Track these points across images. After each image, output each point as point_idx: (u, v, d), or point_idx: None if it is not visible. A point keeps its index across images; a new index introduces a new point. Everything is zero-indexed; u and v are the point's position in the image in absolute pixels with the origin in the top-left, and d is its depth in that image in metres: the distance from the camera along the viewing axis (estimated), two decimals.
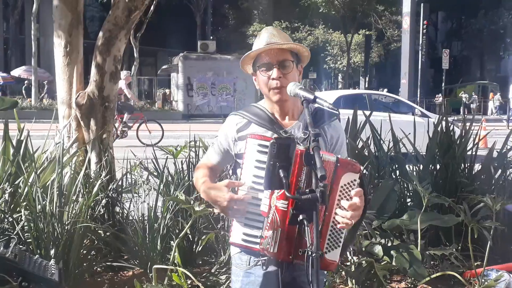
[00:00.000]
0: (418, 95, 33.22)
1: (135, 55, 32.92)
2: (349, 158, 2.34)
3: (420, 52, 34.14)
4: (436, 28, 60.18)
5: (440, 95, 38.74)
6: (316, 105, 2.36)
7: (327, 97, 14.44)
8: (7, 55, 47.20)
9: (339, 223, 2.24)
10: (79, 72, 5.00)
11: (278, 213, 2.23)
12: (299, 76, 2.55)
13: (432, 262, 4.60)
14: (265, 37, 2.49)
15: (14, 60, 43.80)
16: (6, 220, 4.03)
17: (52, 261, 2.91)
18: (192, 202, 3.64)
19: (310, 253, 2.05)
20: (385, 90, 32.39)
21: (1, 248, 2.66)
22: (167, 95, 36.38)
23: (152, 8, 32.06)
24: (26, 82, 34.76)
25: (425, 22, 34.02)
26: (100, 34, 4.85)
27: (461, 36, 56.00)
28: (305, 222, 2.09)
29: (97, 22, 44.84)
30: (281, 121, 2.51)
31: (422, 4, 33.75)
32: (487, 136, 11.49)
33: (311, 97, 2.30)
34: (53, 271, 2.73)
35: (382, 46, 46.33)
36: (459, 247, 4.63)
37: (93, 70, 4.84)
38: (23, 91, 34.33)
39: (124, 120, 16.46)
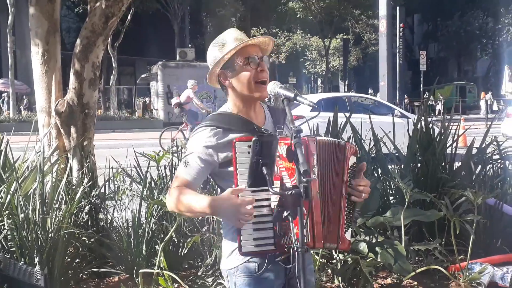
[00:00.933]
0: (397, 97, 33.53)
1: (113, 64, 32.81)
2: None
3: (397, 54, 34.47)
4: (413, 30, 60.85)
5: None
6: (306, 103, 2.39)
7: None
8: None
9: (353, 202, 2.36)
10: (57, 80, 4.97)
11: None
12: None
13: (416, 258, 4.64)
14: (236, 35, 2.48)
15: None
16: None
17: (37, 267, 2.88)
18: None
19: (295, 248, 2.07)
20: (370, 91, 32.61)
21: None
22: (147, 104, 36.26)
23: (129, 17, 32.05)
24: (3, 95, 34.40)
25: (401, 25, 34.36)
26: (78, 41, 4.83)
27: (437, 38, 56.65)
28: (290, 218, 2.10)
29: (74, 33, 44.52)
30: (256, 121, 2.49)
31: (398, 7, 34.10)
32: (466, 134, 11.64)
33: (292, 95, 2.33)
34: (38, 277, 2.71)
35: (360, 50, 46.73)
36: (443, 242, 4.67)
37: (72, 78, 4.82)
38: (1, 104, 33.97)
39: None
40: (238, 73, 2.45)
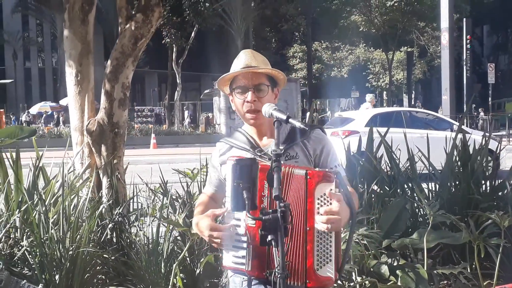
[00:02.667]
0: (464, 111, 32.54)
1: (178, 81, 33.55)
2: (326, 170, 2.32)
3: (464, 67, 33.52)
4: (482, 42, 59.00)
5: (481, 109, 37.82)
6: (298, 125, 2.38)
7: (362, 115, 14.32)
8: (56, 85, 48.79)
9: (326, 233, 2.24)
10: (90, 100, 5.14)
11: (249, 230, 2.28)
12: (275, 99, 2.57)
13: (445, 282, 4.47)
14: (242, 60, 2.54)
15: (62, 90, 45.22)
16: (18, 245, 4.15)
17: (40, 286, 2.97)
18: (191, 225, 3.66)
19: (276, 274, 2.06)
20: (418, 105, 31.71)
21: None
22: (210, 118, 36.81)
23: (193, 34, 32.76)
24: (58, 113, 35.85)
25: (468, 36, 33.44)
26: (108, 62, 4.98)
27: (508, 49, 54.66)
28: (273, 243, 2.08)
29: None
30: (260, 141, 2.55)
31: (464, 19, 33.24)
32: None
33: (284, 117, 2.33)
34: None
35: (425, 63, 45.74)
36: (474, 266, 4.47)
37: (103, 98, 4.97)
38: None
39: None
40: (234, 97, 2.53)
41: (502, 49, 56.38)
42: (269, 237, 2.10)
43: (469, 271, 4.38)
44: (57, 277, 3.87)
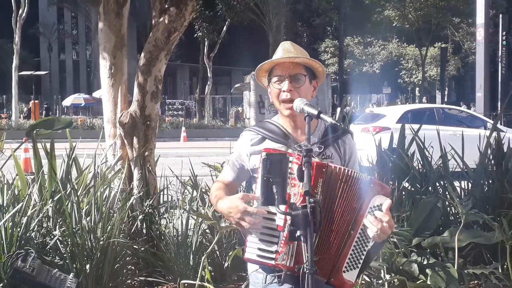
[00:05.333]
0: (499, 109, 31.87)
1: (208, 74, 33.66)
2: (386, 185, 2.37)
3: (500, 64, 32.84)
4: None
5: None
6: (329, 120, 2.38)
7: (394, 112, 14.19)
8: (90, 77, 49.44)
9: (365, 241, 2.27)
10: (123, 92, 5.19)
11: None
12: (313, 91, 2.57)
13: (476, 282, 4.41)
14: (280, 51, 2.54)
15: (96, 82, 45.83)
16: (50, 235, 4.23)
17: (71, 275, 3.02)
18: (220, 218, 3.68)
19: (304, 269, 2.05)
20: (463, 106, 31.35)
21: (19, 262, 2.79)
22: (239, 112, 36.88)
23: (224, 28, 32.81)
24: None
25: (504, 33, 32.76)
26: (142, 55, 5.02)
27: None
28: (302, 239, 2.07)
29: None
30: (296, 136, 2.52)
31: (500, 15, 32.56)
32: None
33: (315, 112, 2.32)
34: (69, 285, 2.84)
35: (459, 59, 45.00)
36: (505, 266, 4.40)
37: (135, 90, 5.02)
38: None
39: None
40: (271, 88, 2.53)
41: None
42: (298, 233, 2.10)
43: (500, 271, 4.32)
44: (87, 266, 3.93)
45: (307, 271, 2.03)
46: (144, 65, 5.00)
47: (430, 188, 5.00)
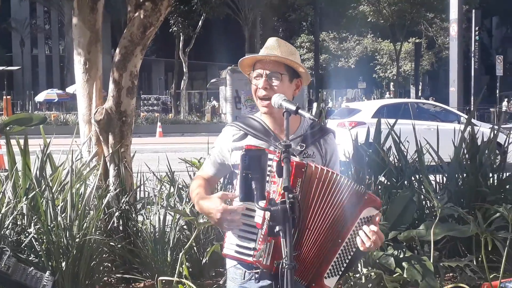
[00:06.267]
0: (472, 103, 32.35)
1: (184, 69, 33.48)
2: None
3: (472, 59, 33.28)
4: (490, 34, 58.59)
5: None
6: (308, 116, 2.38)
7: (369, 106, 14.30)
8: (63, 72, 48.84)
9: (349, 250, 2.29)
10: (98, 88, 5.13)
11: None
12: (295, 90, 2.55)
13: (451, 274, 4.46)
14: (264, 48, 2.53)
15: (70, 77, 45.24)
16: (25, 232, 4.16)
17: (47, 273, 2.98)
18: (198, 214, 3.66)
19: (283, 265, 2.04)
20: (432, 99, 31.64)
21: None
22: (216, 108, 36.78)
23: (200, 23, 32.65)
24: None
25: (476, 28, 33.19)
26: (117, 50, 4.97)
27: None
28: (281, 234, 2.07)
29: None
30: (278, 133, 2.51)
31: (473, 10, 32.97)
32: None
33: (293, 108, 2.31)
34: (45, 283, 2.80)
35: (433, 54, 45.49)
36: (479, 258, 4.46)
37: (111, 86, 4.96)
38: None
39: None
40: (251, 84, 2.51)
41: (511, 41, 55.95)
42: (277, 228, 2.09)
43: (475, 263, 4.38)
44: (63, 264, 3.89)
45: (286, 266, 2.03)
46: (119, 60, 4.94)
47: (406, 182, 5.05)
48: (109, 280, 4.37)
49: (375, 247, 2.27)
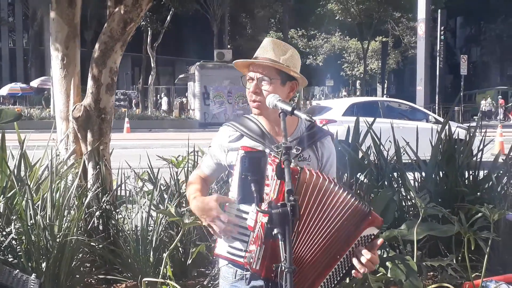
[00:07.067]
0: (437, 102, 32.88)
1: (152, 64, 33.16)
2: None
3: (438, 58, 33.81)
4: (455, 33, 59.67)
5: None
6: (300, 118, 2.37)
7: (340, 104, 14.39)
8: (26, 66, 47.86)
9: (345, 266, 2.26)
10: (76, 84, 5.02)
11: (263, 229, 2.18)
12: (289, 93, 2.51)
13: (432, 273, 4.51)
14: (259, 49, 2.49)
15: (34, 71, 44.38)
16: (3, 232, 4.04)
17: (33, 276, 2.90)
18: (183, 214, 3.61)
19: (283, 268, 2.02)
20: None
21: None
22: (184, 104, 36.56)
23: (168, 18, 32.36)
24: (45, 92, 35.16)
25: (442, 28, 33.72)
26: (96, 46, 4.87)
27: (480, 42, 55.35)
28: (279, 237, 2.04)
29: None
30: (274, 135, 2.48)
31: (439, 10, 33.47)
32: (489, 142, 11.34)
33: (289, 109, 2.27)
34: (31, 286, 2.72)
35: (399, 53, 46.12)
36: (459, 258, 4.53)
37: (90, 82, 4.86)
38: (43, 102, 34.71)
39: None
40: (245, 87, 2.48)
41: (475, 41, 57.06)
42: (275, 231, 2.07)
43: (454, 262, 4.43)
44: (43, 265, 3.79)
45: (285, 270, 2.01)
46: (98, 56, 4.85)
47: (386, 181, 5.08)
48: (89, 281, 4.28)
49: (367, 271, 2.24)
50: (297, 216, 2.03)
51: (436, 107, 30.53)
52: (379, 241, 2.28)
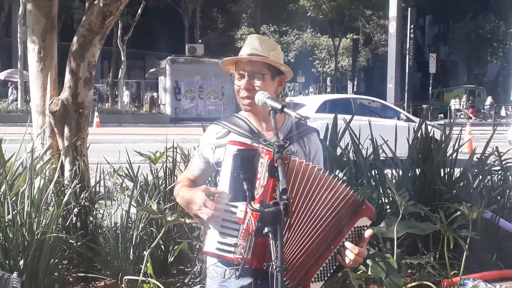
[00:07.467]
0: (406, 100, 33.30)
1: (122, 58, 32.78)
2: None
3: (407, 56, 34.22)
4: (424, 32, 60.47)
5: None
6: (290, 116, 2.36)
7: (312, 101, 14.45)
8: None
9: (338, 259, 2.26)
10: (53, 78, 4.92)
11: (254, 219, 2.19)
12: (278, 87, 2.51)
13: (409, 271, 4.56)
14: (246, 45, 2.47)
15: (0, 63, 43.41)
16: None
17: (15, 274, 2.83)
18: (165, 211, 3.57)
19: (274, 267, 2.01)
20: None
21: None
22: (154, 98, 36.24)
23: (139, 11, 32.03)
24: (11, 86, 34.44)
25: (412, 26, 34.11)
26: (74, 39, 4.78)
27: (448, 40, 56.21)
28: (270, 235, 2.03)
29: None
30: (262, 131, 2.48)
31: (409, 8, 33.86)
32: (467, 141, 11.59)
33: (279, 106, 2.27)
34: (14, 285, 2.66)
35: (369, 50, 46.55)
36: (437, 255, 4.58)
37: (67, 76, 4.77)
38: (9, 94, 33.99)
39: None
40: (234, 85, 2.46)
41: (443, 40, 57.89)
42: (266, 229, 2.05)
43: (432, 260, 4.49)
44: (21, 262, 3.71)
45: (277, 269, 1.99)
46: (77, 50, 4.75)
47: (364, 179, 5.11)
48: (67, 279, 4.21)
49: (354, 265, 2.26)
50: (289, 215, 2.03)
51: (405, 105, 30.91)
52: (368, 233, 2.28)
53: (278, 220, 2.02)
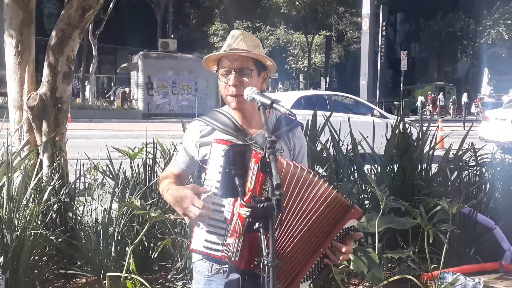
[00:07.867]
0: (378, 96, 33.62)
1: (93, 52, 32.33)
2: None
3: (379, 53, 34.53)
4: (395, 29, 61.06)
5: None
6: (280, 112, 2.34)
7: (287, 97, 14.47)
8: None
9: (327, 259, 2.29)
10: (30, 72, 4.84)
11: (241, 221, 2.16)
12: (262, 83, 2.49)
13: (389, 265, 4.61)
14: (229, 41, 2.45)
15: None
16: None
17: None
18: (148, 208, 3.54)
19: (265, 262, 2.01)
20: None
21: None
22: (126, 93, 35.87)
23: (111, 5, 31.61)
24: None
25: (383, 23, 34.43)
26: (53, 33, 4.70)
27: (419, 38, 56.86)
28: (261, 231, 2.03)
29: (55, 19, 43.97)
30: (246, 128, 2.46)
31: (381, 6, 34.17)
32: (445, 137, 11.76)
33: (268, 102, 2.25)
34: None
35: (342, 47, 46.79)
36: (416, 250, 4.65)
37: (46, 71, 4.70)
38: None
39: None
40: (219, 81, 2.42)
41: (414, 37, 58.55)
42: (257, 225, 2.05)
43: (411, 254, 4.55)
44: (1, 259, 3.65)
45: (268, 264, 1.99)
46: (55, 44, 4.68)
47: (344, 175, 5.15)
48: (48, 276, 4.15)
49: (340, 262, 2.31)
50: (282, 211, 2.03)
51: (377, 102, 31.20)
52: (357, 236, 2.33)
53: (270, 216, 2.02)
